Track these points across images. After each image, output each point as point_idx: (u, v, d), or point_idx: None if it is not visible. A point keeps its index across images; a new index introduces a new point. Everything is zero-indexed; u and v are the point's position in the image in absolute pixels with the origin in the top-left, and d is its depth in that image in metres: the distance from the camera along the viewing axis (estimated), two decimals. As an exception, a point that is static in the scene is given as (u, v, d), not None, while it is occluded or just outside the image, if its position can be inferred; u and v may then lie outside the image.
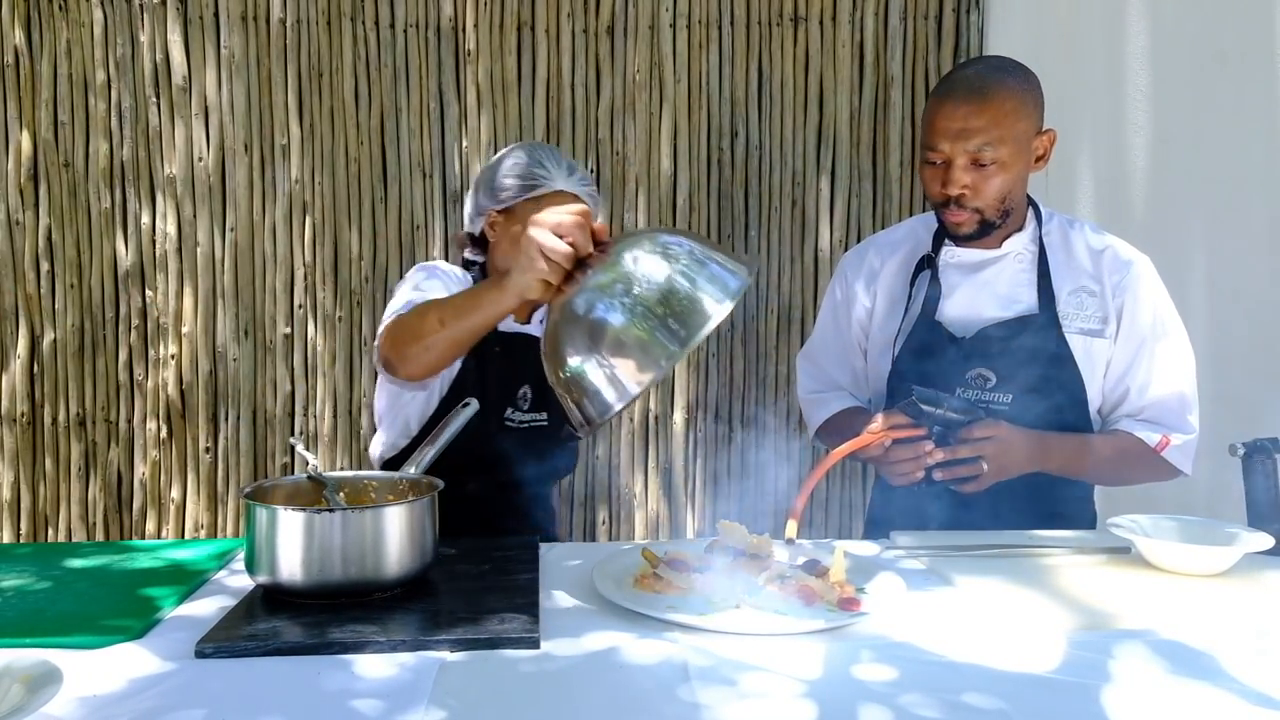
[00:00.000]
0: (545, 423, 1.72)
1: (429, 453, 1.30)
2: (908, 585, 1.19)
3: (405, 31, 2.78)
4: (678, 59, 2.80)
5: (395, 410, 1.68)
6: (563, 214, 1.10)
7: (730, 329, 2.89)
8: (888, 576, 1.21)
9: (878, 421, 1.43)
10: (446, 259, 2.81)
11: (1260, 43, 2.60)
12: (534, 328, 1.75)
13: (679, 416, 2.86)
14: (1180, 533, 1.35)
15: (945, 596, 1.19)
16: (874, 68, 2.80)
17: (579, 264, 1.09)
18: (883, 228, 2.82)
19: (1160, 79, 2.64)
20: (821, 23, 2.80)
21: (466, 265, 1.77)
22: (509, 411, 1.68)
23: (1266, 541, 1.27)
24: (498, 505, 1.66)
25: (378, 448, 1.74)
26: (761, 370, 2.90)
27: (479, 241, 1.74)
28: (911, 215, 2.80)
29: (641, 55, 2.79)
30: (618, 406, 1.00)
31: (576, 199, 1.63)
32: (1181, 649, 1.00)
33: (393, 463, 1.69)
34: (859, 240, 2.83)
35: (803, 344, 2.84)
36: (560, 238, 1.09)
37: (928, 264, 1.64)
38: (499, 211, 1.66)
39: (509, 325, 1.71)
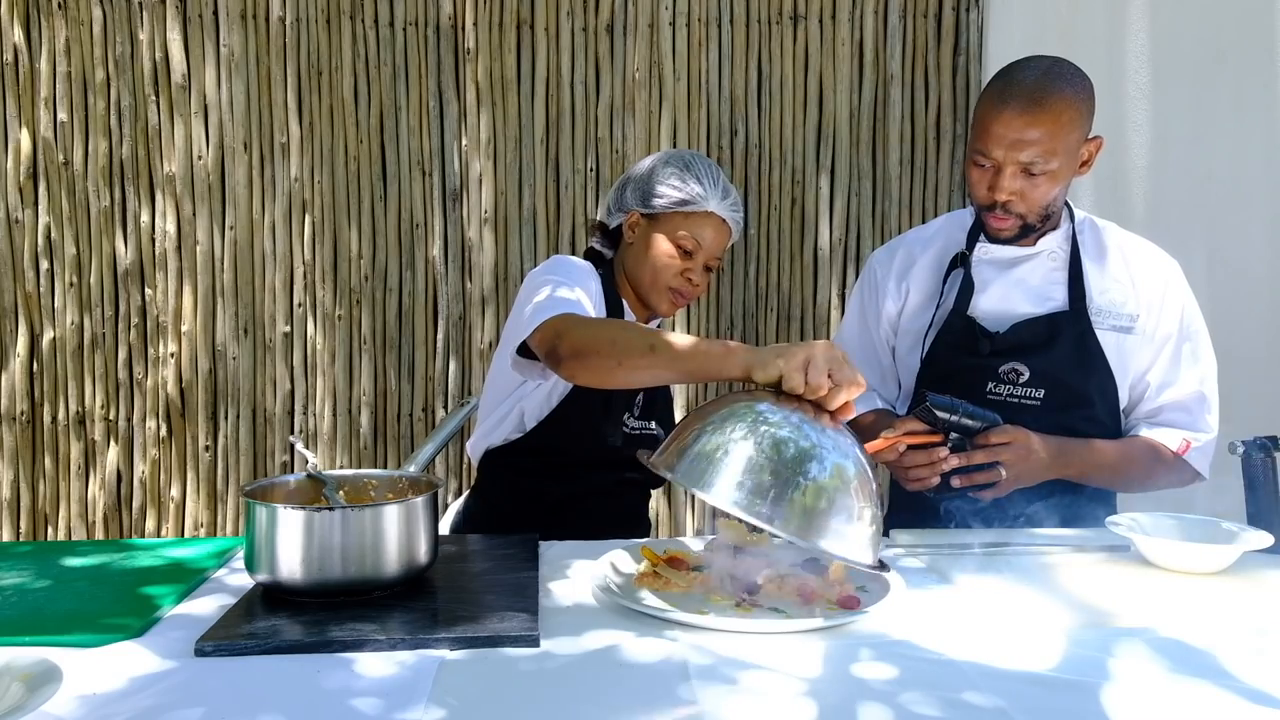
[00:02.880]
0: (655, 432, 1.74)
1: (428, 450, 1.30)
2: (907, 583, 1.19)
3: (404, 30, 2.78)
4: (677, 57, 2.80)
5: (510, 403, 1.66)
6: (849, 369, 1.10)
7: (730, 327, 2.89)
8: (887, 575, 1.21)
9: (893, 427, 1.43)
10: (446, 258, 2.82)
11: (1260, 42, 2.60)
12: None
13: (679, 415, 2.86)
14: (1180, 531, 1.35)
15: (944, 595, 1.19)
16: (873, 66, 2.80)
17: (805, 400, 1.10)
18: (882, 226, 2.83)
19: (1160, 78, 2.64)
20: (821, 21, 2.80)
21: (592, 257, 1.76)
22: (626, 416, 1.68)
23: (1266, 540, 1.27)
24: (611, 502, 1.69)
25: (483, 442, 1.70)
26: (761, 369, 2.89)
27: (611, 235, 1.74)
28: (912, 213, 2.82)
29: (641, 54, 2.79)
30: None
31: (724, 223, 1.64)
32: (1181, 647, 1.00)
33: (501, 455, 1.67)
34: (858, 238, 2.84)
35: (802, 342, 2.86)
36: (827, 383, 1.09)
37: (961, 262, 1.64)
38: (643, 215, 1.66)
39: None
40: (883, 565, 1.13)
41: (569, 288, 1.50)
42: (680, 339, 1.23)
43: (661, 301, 1.67)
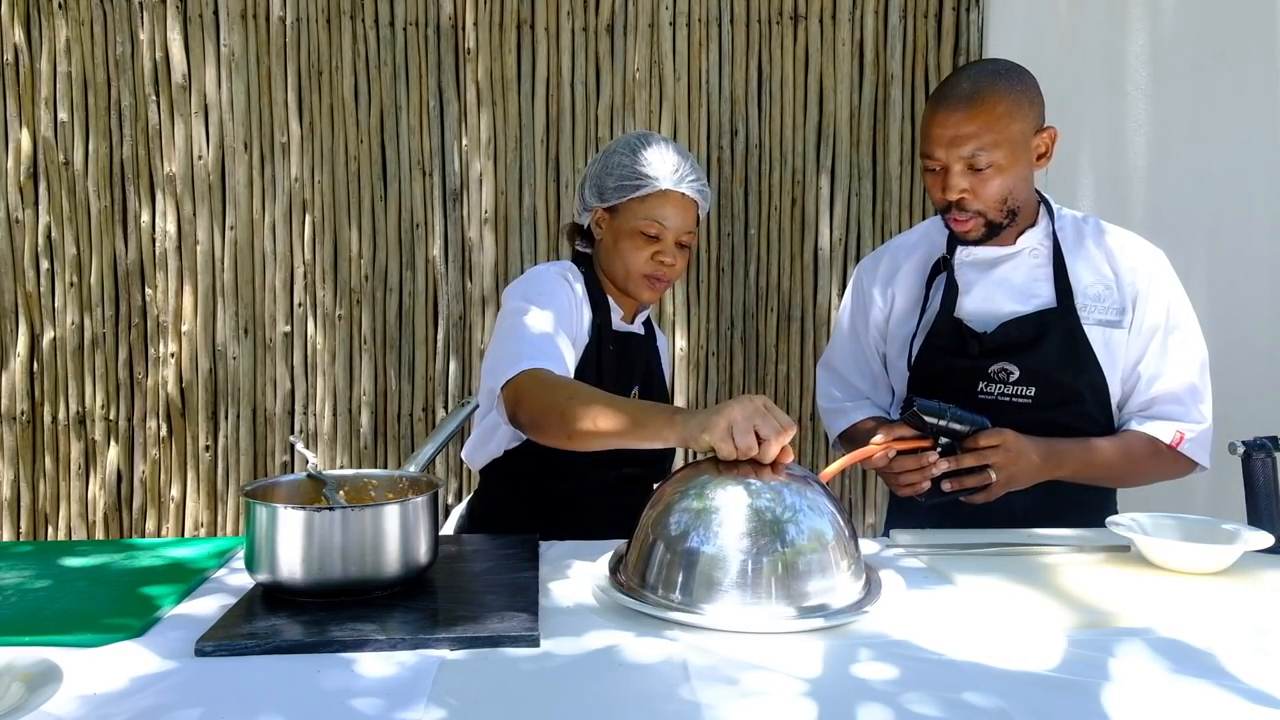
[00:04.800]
0: None
1: (428, 450, 1.30)
2: (907, 583, 1.19)
3: (405, 29, 2.78)
4: (677, 57, 2.80)
5: None
6: (772, 420, 1.12)
7: (730, 327, 2.89)
8: (887, 575, 1.21)
9: (881, 433, 1.43)
10: (446, 258, 2.82)
11: (1260, 41, 2.60)
12: (636, 327, 1.75)
13: (679, 404, 2.85)
14: (1180, 531, 1.35)
15: (944, 595, 1.19)
16: (874, 66, 2.80)
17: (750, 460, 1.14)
18: (883, 226, 2.83)
19: (1160, 77, 2.64)
20: (821, 21, 2.80)
21: (577, 258, 1.74)
22: None
23: (1266, 540, 1.27)
24: (614, 499, 1.66)
25: (481, 453, 1.69)
26: (761, 369, 2.90)
27: (587, 234, 1.71)
28: (912, 213, 2.82)
29: (641, 53, 2.79)
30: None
31: (684, 198, 1.61)
32: (1181, 647, 1.00)
33: (502, 465, 1.66)
34: (858, 238, 2.84)
35: (802, 343, 2.87)
36: (757, 436, 1.11)
37: (944, 265, 1.64)
38: (605, 210, 1.64)
39: (620, 325, 1.70)
40: (868, 584, 1.14)
41: (542, 313, 1.50)
42: (626, 408, 1.27)
43: (641, 290, 1.65)
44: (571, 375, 1.51)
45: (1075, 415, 1.56)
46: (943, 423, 1.41)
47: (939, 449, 1.43)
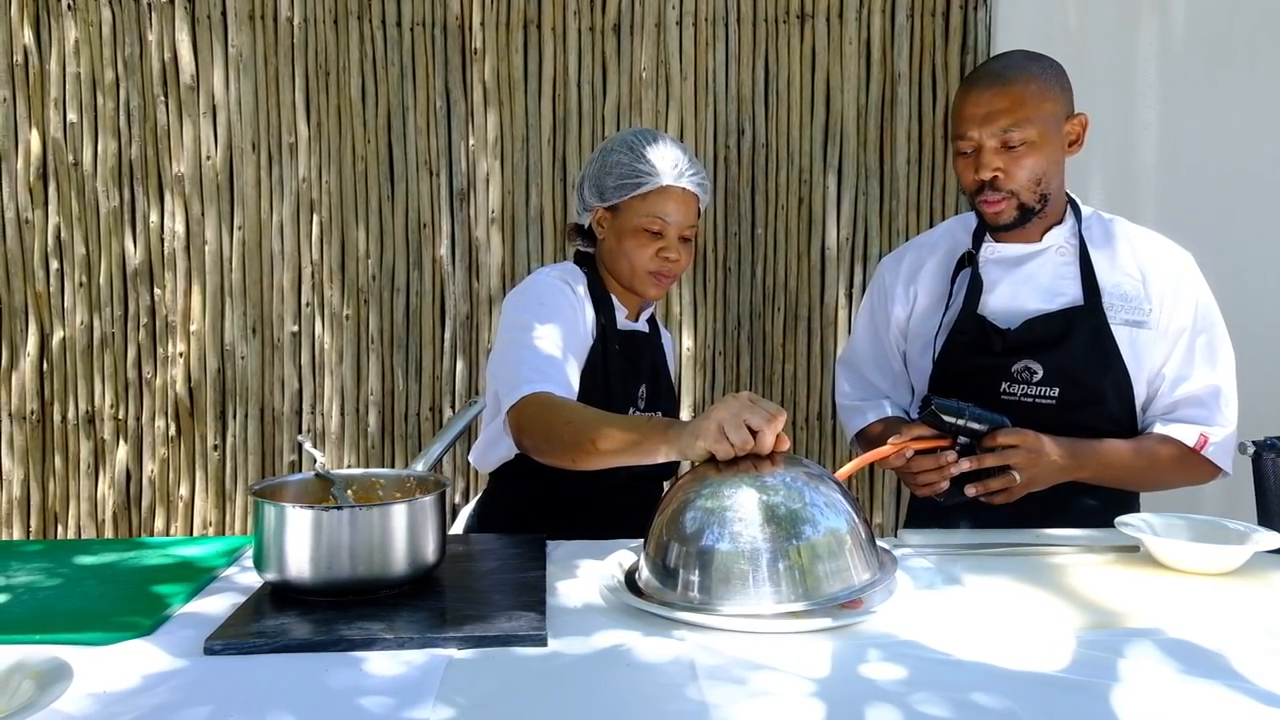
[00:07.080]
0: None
1: (436, 449, 1.30)
2: (915, 584, 1.19)
3: (412, 30, 2.78)
4: (684, 57, 2.80)
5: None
6: (761, 410, 1.13)
7: (737, 327, 2.89)
8: (895, 574, 1.20)
9: (900, 433, 1.42)
10: (453, 258, 2.82)
11: (1269, 41, 2.59)
12: (641, 325, 1.74)
13: (685, 415, 2.86)
14: (1189, 531, 1.34)
15: (953, 595, 1.18)
16: (881, 65, 2.80)
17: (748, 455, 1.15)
18: (890, 225, 2.83)
19: (1169, 76, 2.63)
20: (828, 20, 2.79)
21: (579, 258, 1.73)
22: (630, 411, 1.66)
23: (1276, 540, 1.27)
24: (624, 499, 1.65)
25: (489, 455, 1.68)
26: (768, 369, 2.89)
27: (588, 233, 1.71)
28: (919, 212, 2.82)
29: (648, 53, 2.79)
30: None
31: (685, 192, 1.60)
32: (1190, 648, 1.00)
33: (511, 467, 1.66)
34: (865, 238, 2.83)
35: (809, 342, 2.87)
36: (750, 429, 1.12)
37: (968, 261, 1.63)
38: (605, 209, 1.64)
39: (625, 324, 1.70)
40: (879, 562, 1.14)
41: (543, 327, 1.51)
42: (624, 427, 1.29)
43: (647, 287, 1.64)
44: (575, 388, 1.51)
45: (1098, 416, 1.54)
46: (961, 422, 1.39)
47: (957, 448, 1.42)
